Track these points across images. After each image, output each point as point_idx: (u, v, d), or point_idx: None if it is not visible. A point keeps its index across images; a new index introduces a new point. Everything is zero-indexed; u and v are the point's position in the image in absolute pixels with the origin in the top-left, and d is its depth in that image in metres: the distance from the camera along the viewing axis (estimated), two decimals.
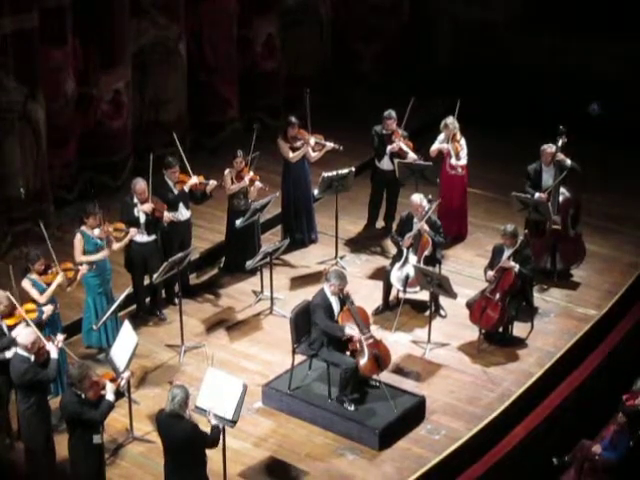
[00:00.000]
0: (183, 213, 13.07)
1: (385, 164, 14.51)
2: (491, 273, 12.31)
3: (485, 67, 18.56)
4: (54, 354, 9.98)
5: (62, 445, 9.93)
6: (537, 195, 13.48)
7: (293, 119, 14.17)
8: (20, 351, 9.84)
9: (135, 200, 12.42)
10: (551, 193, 13.42)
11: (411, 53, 19.31)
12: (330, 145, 14.23)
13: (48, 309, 10.94)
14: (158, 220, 12.55)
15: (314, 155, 14.29)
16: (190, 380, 11.44)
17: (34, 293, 11.01)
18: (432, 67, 19.17)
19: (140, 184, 12.43)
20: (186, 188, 13.00)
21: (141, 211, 12.41)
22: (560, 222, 13.54)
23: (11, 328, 10.44)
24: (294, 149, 14.16)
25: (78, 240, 11.82)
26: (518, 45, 18.63)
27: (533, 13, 18.73)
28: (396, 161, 14.23)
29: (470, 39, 18.98)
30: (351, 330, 11.11)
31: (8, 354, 10.18)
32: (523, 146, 15.19)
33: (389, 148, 14.32)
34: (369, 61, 19.28)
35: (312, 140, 14.15)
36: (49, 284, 11.12)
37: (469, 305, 12.49)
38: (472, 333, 12.49)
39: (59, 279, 11.17)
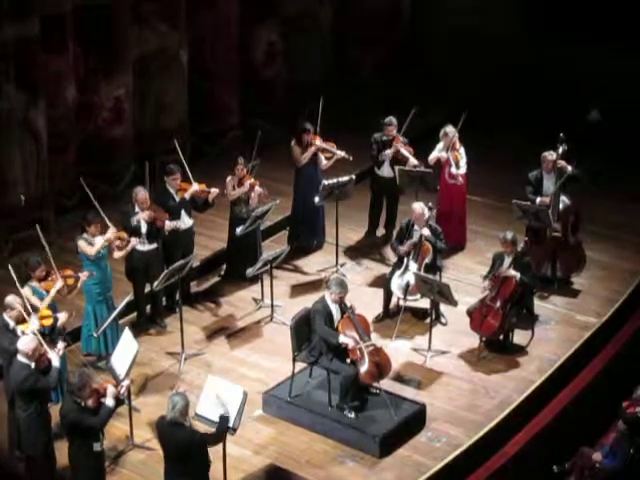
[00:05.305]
0: (185, 221, 13.02)
1: (385, 171, 14.51)
2: (488, 283, 12.34)
3: (484, 74, 18.58)
4: (55, 362, 9.96)
5: (62, 452, 9.92)
6: (538, 199, 13.51)
7: (308, 126, 14.16)
8: (20, 358, 9.83)
9: (136, 209, 12.41)
10: (552, 199, 13.44)
11: (411, 60, 19.32)
12: (339, 153, 14.22)
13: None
14: (159, 229, 12.54)
15: (325, 163, 14.29)
16: (190, 387, 11.45)
17: (34, 300, 10.97)
18: (432, 74, 19.17)
19: (142, 193, 12.41)
20: (187, 196, 12.95)
21: (142, 220, 12.40)
22: (560, 229, 13.55)
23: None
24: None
25: (84, 244, 11.81)
26: (518, 52, 18.65)
27: (532, 20, 18.76)
28: (397, 168, 14.22)
29: (469, 46, 18.98)
30: (346, 338, 11.07)
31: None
32: (523, 153, 15.20)
33: (387, 152, 14.27)
34: (369, 68, 19.28)
35: (318, 141, 14.14)
36: (49, 291, 11.10)
37: (469, 313, 12.49)
38: (472, 341, 12.49)
39: (58, 285, 11.17)
